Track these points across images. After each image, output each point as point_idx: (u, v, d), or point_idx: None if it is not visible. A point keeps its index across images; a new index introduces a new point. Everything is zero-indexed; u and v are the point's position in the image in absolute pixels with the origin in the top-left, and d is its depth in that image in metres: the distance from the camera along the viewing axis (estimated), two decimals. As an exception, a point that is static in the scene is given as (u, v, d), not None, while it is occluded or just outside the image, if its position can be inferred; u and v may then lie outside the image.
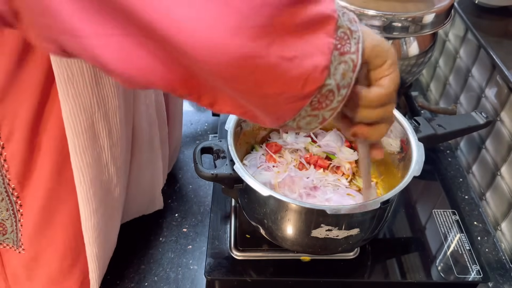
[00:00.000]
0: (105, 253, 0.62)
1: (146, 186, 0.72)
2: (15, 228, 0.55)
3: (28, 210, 0.54)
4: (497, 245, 0.77)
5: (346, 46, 0.39)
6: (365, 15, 0.78)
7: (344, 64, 0.39)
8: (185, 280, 0.70)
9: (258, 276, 0.66)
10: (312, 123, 0.42)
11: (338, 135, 0.76)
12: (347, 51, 0.39)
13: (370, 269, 0.68)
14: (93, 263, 0.60)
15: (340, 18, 0.38)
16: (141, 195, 0.72)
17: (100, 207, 0.57)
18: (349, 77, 0.39)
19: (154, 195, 0.75)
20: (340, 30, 0.38)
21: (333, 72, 0.38)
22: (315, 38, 0.37)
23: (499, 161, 0.81)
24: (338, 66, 0.38)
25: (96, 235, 0.58)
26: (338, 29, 0.38)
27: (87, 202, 0.54)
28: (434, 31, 0.81)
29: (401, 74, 0.86)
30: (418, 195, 0.80)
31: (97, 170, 0.55)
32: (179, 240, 0.76)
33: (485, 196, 0.85)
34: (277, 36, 0.35)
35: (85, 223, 0.56)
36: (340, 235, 0.59)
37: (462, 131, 0.71)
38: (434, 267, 0.67)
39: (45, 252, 0.57)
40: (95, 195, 0.55)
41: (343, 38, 0.38)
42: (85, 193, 0.54)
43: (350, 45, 0.39)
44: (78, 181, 0.53)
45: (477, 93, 0.91)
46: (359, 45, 0.39)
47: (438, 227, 0.73)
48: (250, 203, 0.64)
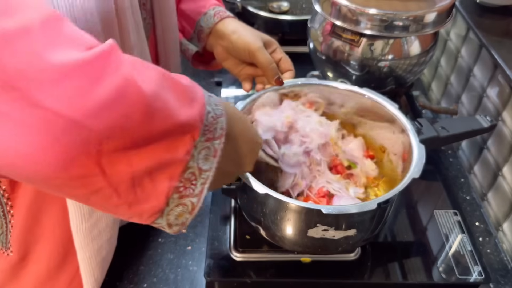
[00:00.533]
0: (101, 258, 0.61)
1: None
2: (5, 230, 0.55)
3: (18, 211, 0.54)
4: (498, 246, 0.76)
5: (189, 189, 0.39)
6: (366, 14, 0.77)
7: (182, 206, 0.40)
8: (184, 281, 0.69)
9: (258, 277, 0.66)
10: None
11: (362, 144, 0.74)
12: (189, 194, 0.39)
13: (371, 270, 0.68)
14: (87, 268, 0.59)
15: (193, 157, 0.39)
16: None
17: (94, 212, 0.56)
18: (184, 217, 0.41)
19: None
20: (189, 171, 0.39)
21: (167, 213, 0.39)
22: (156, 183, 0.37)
23: (501, 161, 0.81)
24: (175, 208, 0.39)
25: (90, 240, 0.57)
26: (186, 170, 0.38)
27: (78, 206, 0.53)
28: (435, 30, 0.81)
29: (402, 73, 0.85)
30: (419, 196, 0.79)
31: None
32: (178, 241, 0.75)
33: (486, 197, 0.85)
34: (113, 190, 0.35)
35: (76, 227, 0.55)
36: (336, 235, 0.58)
37: (466, 134, 0.70)
38: (436, 268, 0.67)
39: (32, 253, 0.56)
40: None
41: (189, 180, 0.39)
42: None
43: (194, 187, 0.40)
44: None
45: (479, 92, 0.90)
46: (205, 186, 0.40)
47: (440, 228, 0.72)
48: (249, 203, 0.64)
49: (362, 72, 0.85)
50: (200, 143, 0.39)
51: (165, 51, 0.69)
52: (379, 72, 0.84)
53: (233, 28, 0.73)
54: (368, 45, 0.81)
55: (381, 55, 0.82)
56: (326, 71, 0.92)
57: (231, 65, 0.77)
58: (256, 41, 0.70)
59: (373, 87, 0.74)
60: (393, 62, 0.83)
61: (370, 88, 0.72)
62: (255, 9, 1.19)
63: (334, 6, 0.80)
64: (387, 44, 0.81)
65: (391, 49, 0.81)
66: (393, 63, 0.83)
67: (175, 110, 0.37)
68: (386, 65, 0.83)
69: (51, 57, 0.31)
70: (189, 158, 0.38)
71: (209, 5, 0.76)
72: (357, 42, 0.82)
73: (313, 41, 0.91)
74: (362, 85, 0.73)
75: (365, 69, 0.84)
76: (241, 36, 0.71)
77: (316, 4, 0.86)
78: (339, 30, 0.83)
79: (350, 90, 0.73)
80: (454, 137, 0.70)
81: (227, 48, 0.74)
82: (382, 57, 0.82)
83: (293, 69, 0.73)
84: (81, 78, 0.32)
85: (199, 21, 0.75)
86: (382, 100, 0.70)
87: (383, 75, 0.85)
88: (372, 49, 0.81)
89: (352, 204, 0.60)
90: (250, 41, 0.70)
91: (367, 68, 0.84)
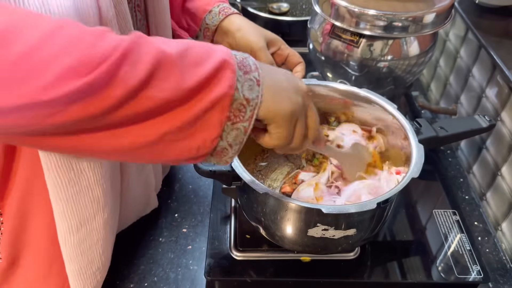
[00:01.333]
0: (95, 269, 0.60)
1: (139, 192, 0.70)
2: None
3: (7, 219, 0.54)
4: (497, 246, 0.77)
5: (240, 116, 0.44)
6: (366, 14, 0.78)
7: (236, 131, 0.45)
8: (185, 281, 0.70)
9: (258, 276, 0.66)
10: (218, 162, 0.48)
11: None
12: (239, 121, 0.44)
13: (370, 269, 0.68)
14: (77, 280, 0.58)
15: (237, 90, 0.43)
16: (135, 202, 0.70)
17: (82, 227, 0.55)
18: (241, 138, 0.45)
19: (149, 197, 0.74)
20: (236, 103, 0.43)
21: (225, 137, 0.44)
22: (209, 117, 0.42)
23: (500, 161, 0.81)
24: (231, 132, 0.45)
25: (79, 252, 0.56)
26: (233, 102, 0.43)
27: (65, 219, 0.53)
28: (434, 30, 0.81)
29: (402, 73, 0.86)
30: (418, 195, 0.80)
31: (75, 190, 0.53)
32: (178, 240, 0.75)
33: (485, 196, 0.85)
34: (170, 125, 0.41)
35: (64, 240, 0.54)
36: (336, 235, 0.59)
37: (464, 134, 0.70)
38: (435, 267, 0.67)
39: (20, 260, 0.56)
40: (73, 214, 0.54)
41: (238, 109, 0.44)
42: (61, 211, 0.52)
43: (244, 114, 0.44)
44: (53, 199, 0.52)
45: (478, 93, 0.91)
46: (254, 112, 0.45)
47: (439, 227, 0.73)
48: (249, 202, 0.64)
49: (361, 73, 0.85)
50: (240, 77, 0.43)
51: None
52: (379, 72, 0.84)
53: (238, 25, 0.73)
54: (368, 46, 0.82)
55: (381, 55, 0.82)
56: (326, 72, 0.92)
57: None
58: (259, 40, 0.71)
59: (372, 87, 0.74)
60: (392, 62, 0.83)
61: (370, 89, 0.72)
62: (255, 10, 1.19)
63: (333, 7, 0.81)
64: (386, 44, 0.81)
65: (391, 49, 0.82)
66: (392, 63, 0.83)
67: (204, 59, 0.42)
68: (385, 65, 0.83)
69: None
70: (233, 92, 0.43)
71: (213, 2, 0.76)
72: (356, 43, 0.82)
73: (312, 41, 0.91)
74: (362, 86, 0.73)
75: (365, 69, 0.85)
76: (244, 34, 0.72)
77: (315, 5, 0.87)
78: (339, 30, 0.83)
79: (349, 90, 0.73)
80: (453, 137, 0.70)
81: (231, 45, 0.74)
82: (382, 57, 0.82)
83: (303, 61, 0.74)
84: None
85: (205, 19, 0.75)
86: (381, 101, 0.71)
87: (383, 75, 0.85)
88: (372, 49, 0.82)
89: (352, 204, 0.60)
90: (253, 40, 0.71)
91: (367, 68, 0.84)
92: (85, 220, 0.55)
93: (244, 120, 0.44)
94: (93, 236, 0.57)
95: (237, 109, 0.44)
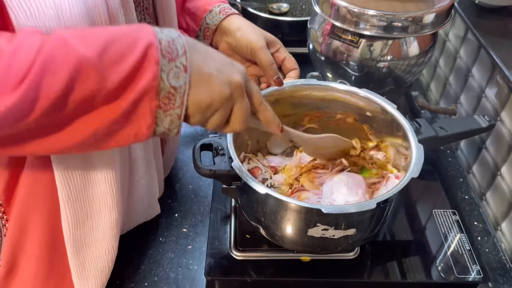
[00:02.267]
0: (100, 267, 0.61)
1: (142, 198, 0.70)
2: (0, 243, 0.55)
3: (10, 224, 0.54)
4: (497, 245, 0.77)
5: (170, 104, 0.45)
6: (365, 15, 0.78)
7: (169, 117, 0.45)
8: (185, 280, 0.70)
9: (258, 276, 0.66)
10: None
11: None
12: (171, 108, 0.45)
13: (370, 269, 0.68)
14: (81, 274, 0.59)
15: (162, 80, 0.43)
16: (137, 207, 0.71)
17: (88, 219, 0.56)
18: (176, 123, 0.46)
19: (150, 204, 0.74)
20: (164, 91, 0.44)
21: (160, 123, 0.45)
22: (139, 108, 0.43)
23: (499, 161, 0.81)
24: (165, 119, 0.45)
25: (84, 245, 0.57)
26: (160, 92, 0.43)
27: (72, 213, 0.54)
28: (434, 31, 0.81)
29: (401, 74, 0.86)
30: (418, 195, 0.80)
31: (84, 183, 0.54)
32: (179, 240, 0.76)
33: (485, 196, 0.85)
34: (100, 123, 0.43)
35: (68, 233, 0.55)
36: (336, 234, 0.59)
37: (464, 134, 0.70)
38: (434, 267, 0.67)
39: (19, 266, 0.56)
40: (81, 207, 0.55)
41: (167, 97, 0.44)
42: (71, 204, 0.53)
43: (174, 102, 0.45)
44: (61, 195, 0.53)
45: (477, 93, 0.91)
46: (184, 98, 0.45)
47: (438, 227, 0.73)
48: (249, 202, 0.64)
49: (361, 73, 0.85)
50: (164, 66, 0.43)
51: None
52: (378, 72, 0.85)
53: (238, 25, 0.73)
54: (367, 46, 0.82)
55: (380, 55, 0.82)
56: (326, 72, 0.92)
57: None
58: (259, 40, 0.71)
59: (372, 87, 0.74)
60: (392, 62, 0.83)
61: (369, 89, 0.73)
62: (255, 10, 1.19)
63: (333, 7, 0.81)
64: (386, 45, 0.81)
65: (390, 49, 0.82)
66: (392, 63, 0.83)
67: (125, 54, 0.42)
68: (385, 65, 0.83)
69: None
70: (157, 82, 0.43)
71: (214, 2, 0.76)
72: (356, 43, 0.82)
73: (312, 42, 0.91)
74: (361, 86, 0.73)
75: (364, 69, 0.85)
76: (244, 34, 0.72)
77: (315, 5, 0.87)
78: (339, 31, 0.83)
79: (349, 91, 0.73)
80: (453, 137, 0.70)
81: (231, 45, 0.74)
82: (381, 57, 0.82)
83: (298, 67, 0.73)
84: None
85: (205, 19, 0.75)
86: (381, 101, 0.71)
87: (382, 75, 0.85)
88: (371, 49, 0.82)
89: (352, 204, 0.60)
90: (253, 39, 0.71)
91: (366, 68, 0.84)
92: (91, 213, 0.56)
93: (175, 107, 0.45)
94: (99, 233, 0.58)
95: (165, 97, 0.44)
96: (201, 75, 0.46)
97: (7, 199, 0.53)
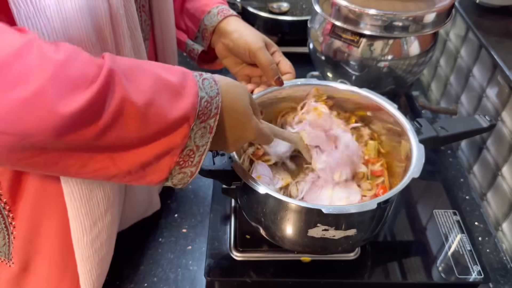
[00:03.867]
0: (101, 271, 0.61)
1: (143, 192, 0.71)
2: (8, 241, 0.55)
3: (19, 223, 0.54)
4: (498, 246, 0.77)
5: (188, 161, 0.47)
6: (366, 14, 0.77)
7: (182, 174, 0.47)
8: (184, 281, 0.69)
9: (258, 277, 0.66)
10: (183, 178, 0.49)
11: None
12: (187, 166, 0.47)
13: (371, 269, 0.68)
14: (88, 280, 0.58)
15: (190, 139, 0.45)
16: (138, 201, 0.71)
17: (95, 225, 0.56)
18: (185, 180, 0.48)
19: (152, 198, 0.74)
20: (187, 149, 0.45)
21: (171, 178, 0.47)
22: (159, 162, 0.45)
23: (500, 161, 0.81)
24: (177, 175, 0.47)
25: (91, 253, 0.56)
26: (184, 149, 0.45)
27: (79, 219, 0.53)
28: (435, 30, 0.81)
29: (402, 73, 0.86)
30: (419, 196, 0.80)
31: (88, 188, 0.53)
32: (178, 240, 0.75)
33: (486, 197, 0.85)
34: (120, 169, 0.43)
35: (77, 240, 0.55)
36: (336, 235, 0.59)
37: (465, 134, 0.70)
38: (435, 267, 0.67)
39: (33, 265, 0.56)
40: (87, 213, 0.54)
41: (188, 155, 0.46)
42: (75, 210, 0.53)
43: (193, 160, 0.47)
44: (68, 198, 0.52)
45: (478, 93, 0.90)
46: (202, 157, 0.47)
47: (439, 228, 0.72)
48: (249, 203, 0.64)
49: (361, 72, 0.85)
50: (195, 126, 0.45)
51: (164, 51, 0.70)
52: (379, 72, 0.84)
53: (236, 27, 0.73)
54: (368, 46, 0.81)
55: (381, 55, 0.82)
56: (326, 72, 0.92)
57: (230, 63, 0.77)
58: (258, 41, 0.71)
59: (372, 87, 0.74)
60: (392, 62, 0.83)
61: (370, 88, 0.72)
62: (255, 9, 1.19)
63: (334, 6, 0.81)
64: (386, 44, 0.81)
65: (391, 49, 0.81)
66: (392, 63, 0.83)
67: (168, 109, 0.43)
68: (385, 65, 0.83)
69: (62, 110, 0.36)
70: (186, 141, 0.45)
71: (212, 3, 0.76)
72: (356, 43, 0.82)
73: (313, 41, 0.91)
74: (362, 86, 0.73)
75: (365, 69, 0.84)
76: (242, 35, 0.72)
77: (316, 4, 0.86)
78: (339, 30, 0.83)
79: (349, 90, 0.73)
80: (454, 137, 0.70)
81: (227, 46, 0.74)
82: (382, 57, 0.82)
83: (293, 71, 0.73)
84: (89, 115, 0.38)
85: (203, 20, 0.75)
86: (382, 101, 0.70)
87: (383, 75, 0.85)
88: (372, 49, 0.82)
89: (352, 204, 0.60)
90: (252, 41, 0.70)
91: (367, 68, 0.84)
92: (97, 218, 0.56)
93: (192, 165, 0.47)
94: (104, 234, 0.58)
95: (186, 155, 0.46)
96: (219, 137, 0.49)
97: (12, 198, 0.52)
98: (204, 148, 0.47)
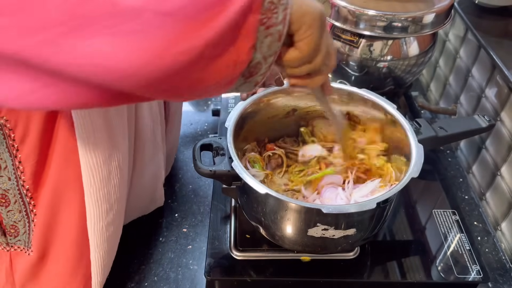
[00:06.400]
0: (109, 258, 0.62)
1: (148, 182, 0.72)
2: (28, 229, 0.55)
3: (40, 210, 0.54)
4: (497, 245, 0.77)
5: (273, 18, 0.40)
6: (365, 15, 0.78)
7: (270, 37, 0.40)
8: (185, 280, 0.70)
9: (258, 276, 0.66)
10: (246, 88, 0.45)
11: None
12: (273, 24, 0.40)
13: (370, 269, 0.68)
14: (98, 268, 0.59)
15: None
16: (144, 192, 0.72)
17: (111, 211, 0.56)
18: (275, 46, 0.41)
19: (156, 190, 0.75)
20: (266, 2, 0.39)
21: (259, 46, 0.40)
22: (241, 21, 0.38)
23: (499, 161, 0.81)
24: (264, 40, 0.40)
25: (104, 239, 0.57)
26: (264, 1, 0.39)
27: (96, 204, 0.54)
28: (434, 31, 0.81)
29: (401, 74, 0.86)
30: (418, 195, 0.80)
31: (107, 171, 0.54)
32: (179, 240, 0.76)
33: (485, 196, 0.85)
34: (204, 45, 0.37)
35: (93, 226, 0.55)
36: (336, 234, 0.59)
37: (464, 134, 0.70)
38: (434, 267, 0.67)
39: (50, 254, 0.57)
40: (104, 197, 0.55)
41: (270, 9, 0.39)
42: (93, 195, 0.53)
43: (277, 15, 0.40)
44: (86, 183, 0.53)
45: (477, 93, 0.91)
46: (287, 12, 0.40)
47: (438, 227, 0.73)
48: (249, 202, 0.64)
49: (361, 73, 0.86)
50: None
51: None
52: (378, 72, 0.85)
53: None
54: (367, 46, 0.82)
55: (380, 55, 0.82)
56: (326, 72, 0.92)
57: None
58: None
59: (372, 87, 0.74)
60: (392, 62, 0.83)
61: (369, 89, 0.73)
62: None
63: (333, 7, 0.81)
64: (386, 45, 0.81)
65: (390, 50, 0.82)
66: (392, 63, 0.83)
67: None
68: (385, 65, 0.83)
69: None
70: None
71: None
72: (356, 43, 0.82)
73: (312, 42, 0.91)
74: (361, 86, 0.73)
75: (364, 69, 0.85)
76: None
77: (315, 5, 0.87)
78: (338, 31, 0.83)
79: (349, 90, 0.73)
80: (453, 137, 0.70)
81: None
82: (381, 57, 0.82)
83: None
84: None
85: None
86: (381, 101, 0.71)
87: (382, 75, 0.85)
88: (371, 50, 0.82)
89: (352, 204, 0.60)
90: None
91: (366, 68, 0.84)
92: (113, 202, 0.56)
93: (278, 23, 0.40)
94: (116, 220, 0.58)
95: (268, 10, 0.39)
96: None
97: (35, 184, 0.53)
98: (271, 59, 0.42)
